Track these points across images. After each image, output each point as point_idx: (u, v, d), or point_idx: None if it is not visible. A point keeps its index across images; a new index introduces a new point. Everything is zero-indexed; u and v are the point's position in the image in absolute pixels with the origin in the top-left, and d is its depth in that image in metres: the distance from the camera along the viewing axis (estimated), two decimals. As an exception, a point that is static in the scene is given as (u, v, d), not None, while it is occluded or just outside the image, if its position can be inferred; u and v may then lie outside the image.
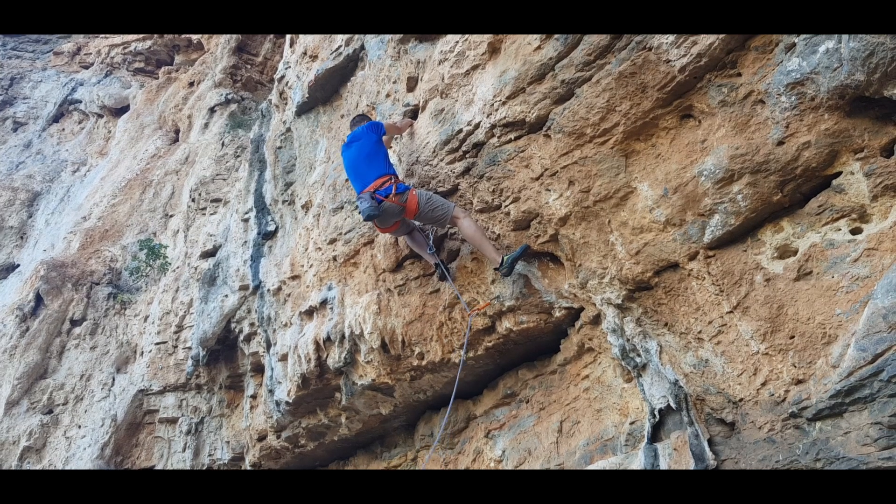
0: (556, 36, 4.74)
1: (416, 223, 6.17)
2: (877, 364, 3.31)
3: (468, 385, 6.76)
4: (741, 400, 4.11)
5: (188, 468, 10.40)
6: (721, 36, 3.88)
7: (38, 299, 13.17)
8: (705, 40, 3.93)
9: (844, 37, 3.35)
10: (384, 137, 6.32)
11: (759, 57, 3.85)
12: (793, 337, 3.81)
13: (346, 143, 6.17)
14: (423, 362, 6.40)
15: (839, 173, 3.68)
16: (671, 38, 4.06)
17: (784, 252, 3.95)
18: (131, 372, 11.83)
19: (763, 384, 3.95)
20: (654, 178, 4.41)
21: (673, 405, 4.62)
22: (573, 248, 4.99)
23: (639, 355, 4.89)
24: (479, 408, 6.75)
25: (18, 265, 16.38)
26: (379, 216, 5.60)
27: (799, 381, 3.76)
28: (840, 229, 3.72)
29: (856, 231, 3.67)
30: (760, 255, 4.02)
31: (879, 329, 3.32)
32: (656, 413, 4.82)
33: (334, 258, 7.30)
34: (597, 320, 5.30)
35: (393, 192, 5.57)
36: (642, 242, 4.53)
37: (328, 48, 8.35)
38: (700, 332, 4.32)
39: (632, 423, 5.11)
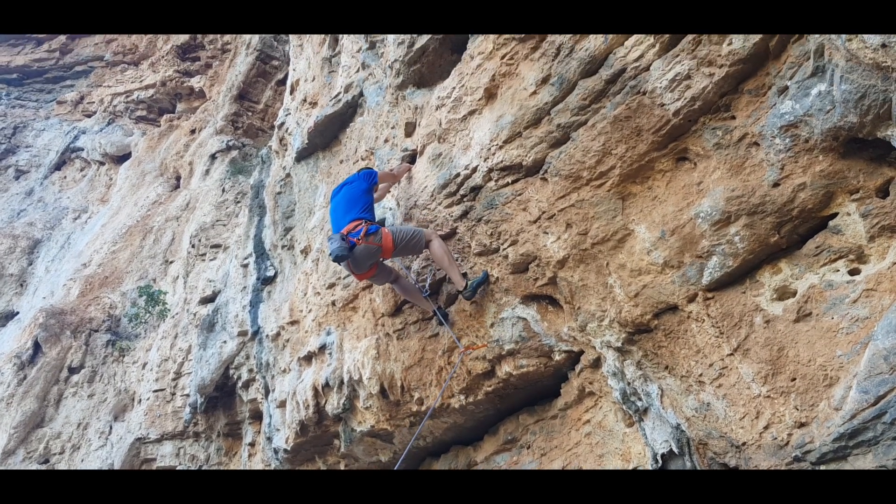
0: (551, 81, 4.81)
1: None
2: (879, 406, 3.26)
3: (468, 431, 6.68)
4: (744, 444, 4.05)
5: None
6: (714, 79, 3.92)
7: (37, 347, 13.13)
8: (699, 84, 3.98)
9: (836, 79, 3.38)
10: (380, 186, 6.35)
11: (753, 100, 3.89)
12: (794, 379, 3.77)
13: (336, 189, 6.18)
14: (423, 408, 6.33)
15: (835, 214, 3.69)
16: (665, 82, 4.11)
17: (783, 293, 3.92)
18: (129, 420, 11.74)
19: (766, 427, 3.89)
20: (652, 220, 4.42)
21: (675, 450, 4.55)
22: (572, 291, 4.97)
23: (640, 399, 4.83)
24: (479, 454, 6.64)
25: (18, 313, 16.37)
26: (351, 258, 5.56)
27: (802, 424, 3.71)
28: (838, 270, 3.71)
29: (854, 272, 3.65)
30: (759, 297, 4.00)
31: (881, 370, 3.28)
32: (658, 458, 4.75)
33: (333, 303, 7.28)
34: (597, 364, 5.25)
35: (363, 233, 5.55)
36: (641, 285, 4.51)
37: (328, 95, 8.46)
38: (701, 374, 4.27)
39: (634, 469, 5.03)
